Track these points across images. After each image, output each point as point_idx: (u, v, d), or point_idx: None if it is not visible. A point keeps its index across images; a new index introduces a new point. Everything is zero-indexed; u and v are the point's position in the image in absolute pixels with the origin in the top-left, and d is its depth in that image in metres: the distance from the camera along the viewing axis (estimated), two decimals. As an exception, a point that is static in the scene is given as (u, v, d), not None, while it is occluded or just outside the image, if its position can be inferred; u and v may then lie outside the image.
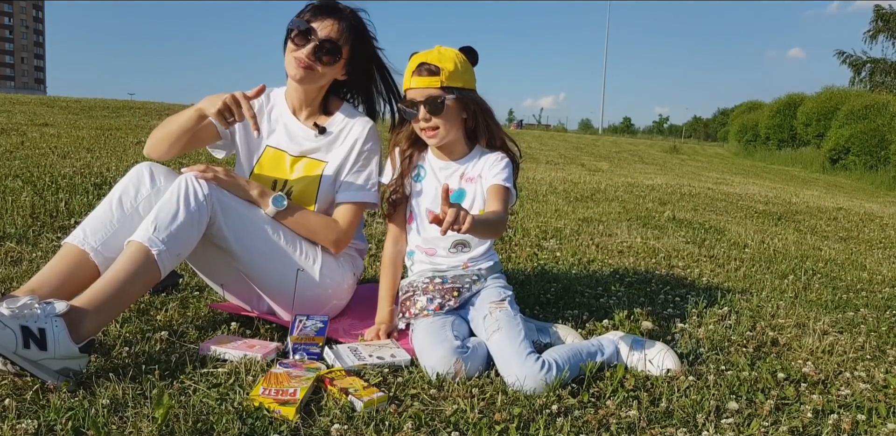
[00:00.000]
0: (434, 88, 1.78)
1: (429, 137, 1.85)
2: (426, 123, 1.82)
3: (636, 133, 71.26)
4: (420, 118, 1.81)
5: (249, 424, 1.33)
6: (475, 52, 1.88)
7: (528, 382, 1.57)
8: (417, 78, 1.80)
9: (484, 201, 1.88)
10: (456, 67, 1.80)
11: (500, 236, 1.85)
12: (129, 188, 1.78)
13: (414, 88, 1.81)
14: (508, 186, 1.86)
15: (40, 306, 1.43)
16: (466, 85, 1.83)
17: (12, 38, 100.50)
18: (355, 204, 1.96)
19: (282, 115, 2.00)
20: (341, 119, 1.99)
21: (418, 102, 1.80)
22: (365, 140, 1.97)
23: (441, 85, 1.78)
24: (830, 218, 5.81)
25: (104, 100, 13.90)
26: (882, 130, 15.01)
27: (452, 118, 1.83)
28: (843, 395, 1.68)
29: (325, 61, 1.85)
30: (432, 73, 1.78)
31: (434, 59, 1.79)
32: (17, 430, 1.23)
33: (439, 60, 1.79)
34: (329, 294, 1.95)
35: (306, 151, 1.98)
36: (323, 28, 1.83)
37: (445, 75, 1.78)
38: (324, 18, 1.84)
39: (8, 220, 2.90)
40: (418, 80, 1.79)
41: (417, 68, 1.80)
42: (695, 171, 11.97)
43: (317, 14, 1.85)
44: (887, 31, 21.29)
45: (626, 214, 4.86)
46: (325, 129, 1.97)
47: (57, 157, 4.98)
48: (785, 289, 2.88)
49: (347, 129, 1.98)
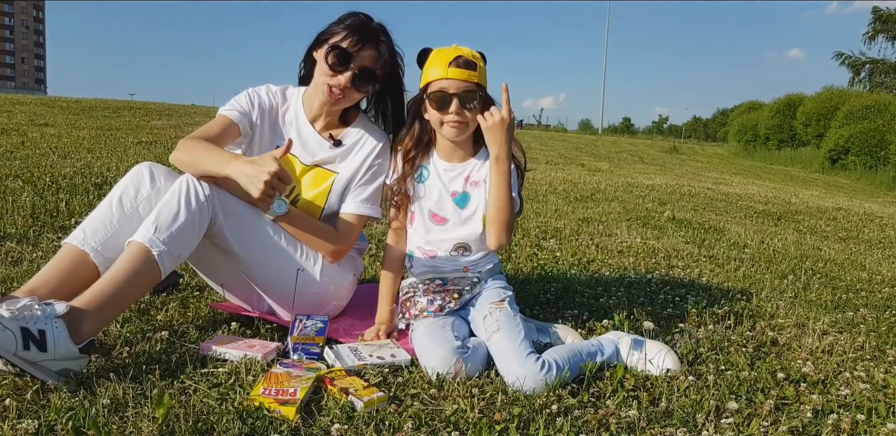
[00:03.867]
0: (471, 82, 1.78)
1: (453, 127, 1.82)
2: (456, 117, 1.80)
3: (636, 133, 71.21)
4: (451, 111, 1.79)
5: (250, 424, 1.33)
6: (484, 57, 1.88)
7: (528, 382, 1.57)
8: (455, 69, 1.77)
9: (486, 199, 1.88)
10: (483, 67, 1.82)
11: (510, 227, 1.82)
12: (129, 188, 1.78)
13: (449, 79, 1.77)
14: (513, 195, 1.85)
15: (40, 308, 1.43)
16: (485, 85, 1.84)
17: (12, 39, 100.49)
18: (359, 216, 1.95)
19: (297, 119, 1.98)
20: (357, 131, 1.99)
21: (452, 94, 1.78)
22: (377, 154, 1.97)
23: (477, 80, 1.78)
24: (830, 218, 5.81)
25: (104, 100, 13.91)
26: (881, 131, 15.02)
27: (476, 115, 1.83)
28: (843, 395, 1.68)
29: (361, 89, 1.86)
30: (470, 66, 1.78)
31: (468, 54, 1.79)
32: (17, 430, 1.23)
33: (472, 56, 1.79)
34: (329, 294, 1.95)
35: (319, 161, 1.97)
36: (362, 56, 1.82)
37: (480, 72, 1.79)
38: (363, 45, 1.82)
39: (8, 220, 2.90)
40: (456, 72, 1.77)
41: (455, 60, 1.77)
42: (694, 171, 11.98)
43: (356, 39, 1.82)
44: (886, 32, 21.29)
45: (625, 215, 4.87)
46: (340, 141, 1.97)
47: (57, 157, 4.98)
48: (784, 289, 2.89)
49: (362, 142, 1.97)
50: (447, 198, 1.91)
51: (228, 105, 1.93)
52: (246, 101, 1.94)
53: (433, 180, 1.93)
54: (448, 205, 1.91)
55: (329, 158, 1.97)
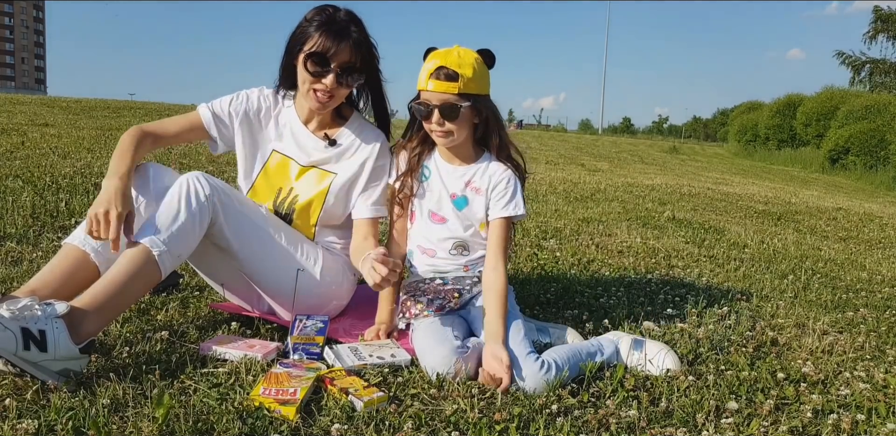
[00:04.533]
0: (451, 94, 1.75)
1: (439, 137, 1.84)
2: (439, 127, 1.80)
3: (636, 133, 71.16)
4: (433, 122, 1.79)
5: (249, 424, 1.33)
6: (493, 56, 1.83)
7: (528, 382, 1.58)
8: (435, 81, 1.75)
9: (486, 213, 1.89)
10: (474, 74, 1.76)
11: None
12: (129, 189, 1.77)
13: (430, 91, 1.76)
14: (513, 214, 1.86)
15: (40, 308, 1.43)
16: (481, 91, 1.80)
17: (13, 38, 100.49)
18: (374, 219, 1.97)
19: (290, 121, 1.98)
20: (352, 131, 1.98)
21: (433, 106, 1.77)
22: (377, 157, 1.96)
23: (458, 91, 1.74)
24: (830, 218, 5.81)
25: (105, 100, 13.90)
26: (882, 131, 15.01)
27: (465, 124, 1.82)
28: (843, 395, 1.68)
29: (347, 85, 1.84)
30: (451, 78, 1.74)
31: (453, 63, 1.74)
32: (17, 430, 1.23)
33: (458, 65, 1.74)
34: (329, 294, 1.95)
35: (315, 161, 1.97)
36: (339, 53, 1.78)
37: (463, 82, 1.74)
38: (337, 41, 1.77)
39: (8, 220, 2.90)
40: (436, 84, 1.75)
41: (436, 71, 1.74)
42: (694, 171, 11.98)
43: (327, 36, 1.77)
44: (886, 32, 21.28)
45: (625, 215, 4.87)
46: (335, 141, 1.97)
47: (57, 157, 4.98)
48: (784, 289, 2.89)
49: (358, 142, 1.97)
50: (446, 198, 1.91)
51: (211, 104, 1.96)
52: (227, 108, 1.95)
53: (434, 180, 1.93)
54: (447, 205, 1.91)
55: (325, 159, 1.97)
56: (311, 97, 1.83)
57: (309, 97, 1.84)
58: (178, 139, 1.94)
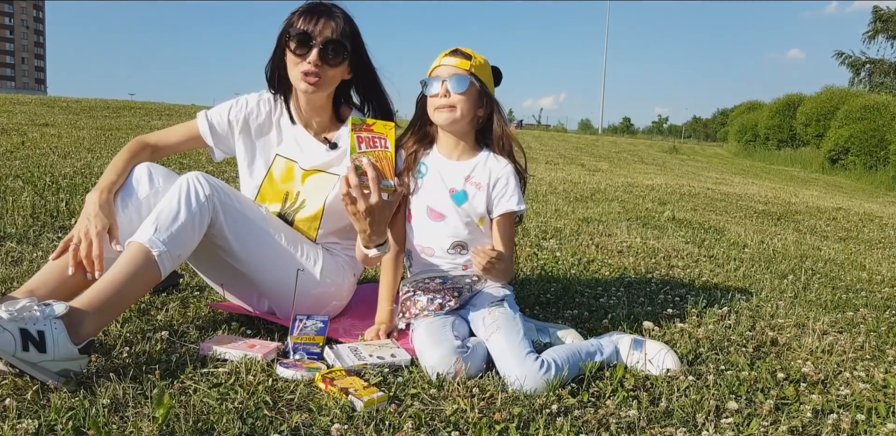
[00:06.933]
0: (462, 69, 1.82)
1: (442, 112, 1.83)
2: (444, 100, 1.82)
3: (636, 133, 71.19)
4: (440, 93, 1.82)
5: (250, 424, 1.33)
6: (500, 74, 1.93)
7: (528, 381, 1.58)
8: (450, 57, 1.84)
9: (486, 208, 1.90)
10: (485, 65, 1.87)
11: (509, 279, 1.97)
12: (129, 189, 1.78)
13: (442, 66, 1.84)
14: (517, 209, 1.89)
15: (39, 309, 1.43)
16: (489, 85, 1.87)
17: (13, 38, 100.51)
18: None
19: (291, 125, 1.99)
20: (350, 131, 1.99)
21: (442, 78, 1.82)
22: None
23: (469, 69, 1.82)
24: (830, 218, 5.81)
25: (105, 100, 13.90)
26: (881, 131, 15.01)
27: (470, 103, 1.83)
28: (843, 395, 1.68)
29: (333, 63, 1.83)
30: (465, 57, 1.83)
31: (468, 51, 1.85)
32: (17, 430, 1.23)
33: (473, 54, 1.85)
34: (329, 294, 1.95)
35: (318, 165, 1.97)
36: (321, 30, 1.80)
37: (476, 64, 1.84)
38: (318, 20, 1.81)
39: (8, 220, 2.90)
40: (449, 59, 1.84)
41: (452, 52, 1.85)
42: (694, 171, 11.98)
43: (309, 18, 1.81)
44: (886, 32, 21.29)
45: (625, 214, 4.87)
46: (335, 144, 1.97)
47: (57, 157, 4.98)
48: (784, 289, 2.89)
49: None
50: (445, 194, 1.91)
51: (209, 114, 1.98)
52: (226, 116, 1.97)
53: (432, 176, 1.93)
54: (446, 201, 1.91)
55: (327, 163, 1.97)
56: (300, 81, 1.83)
57: (299, 83, 1.84)
58: (178, 149, 2.00)
